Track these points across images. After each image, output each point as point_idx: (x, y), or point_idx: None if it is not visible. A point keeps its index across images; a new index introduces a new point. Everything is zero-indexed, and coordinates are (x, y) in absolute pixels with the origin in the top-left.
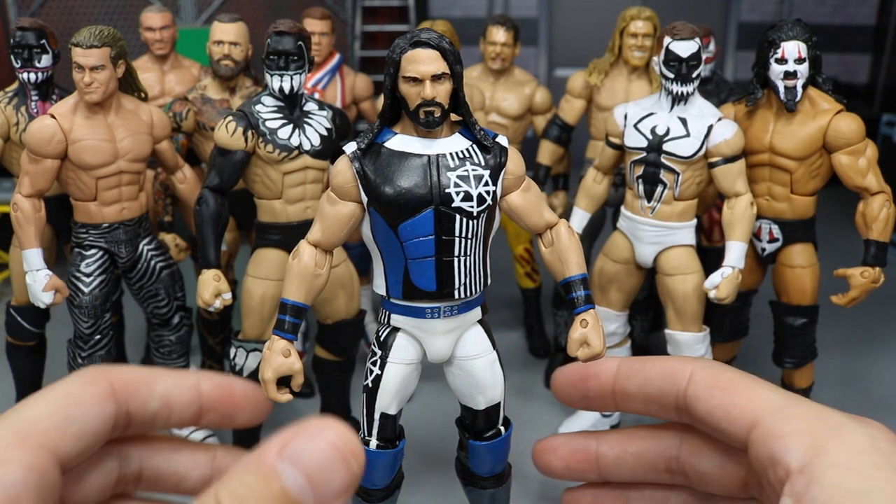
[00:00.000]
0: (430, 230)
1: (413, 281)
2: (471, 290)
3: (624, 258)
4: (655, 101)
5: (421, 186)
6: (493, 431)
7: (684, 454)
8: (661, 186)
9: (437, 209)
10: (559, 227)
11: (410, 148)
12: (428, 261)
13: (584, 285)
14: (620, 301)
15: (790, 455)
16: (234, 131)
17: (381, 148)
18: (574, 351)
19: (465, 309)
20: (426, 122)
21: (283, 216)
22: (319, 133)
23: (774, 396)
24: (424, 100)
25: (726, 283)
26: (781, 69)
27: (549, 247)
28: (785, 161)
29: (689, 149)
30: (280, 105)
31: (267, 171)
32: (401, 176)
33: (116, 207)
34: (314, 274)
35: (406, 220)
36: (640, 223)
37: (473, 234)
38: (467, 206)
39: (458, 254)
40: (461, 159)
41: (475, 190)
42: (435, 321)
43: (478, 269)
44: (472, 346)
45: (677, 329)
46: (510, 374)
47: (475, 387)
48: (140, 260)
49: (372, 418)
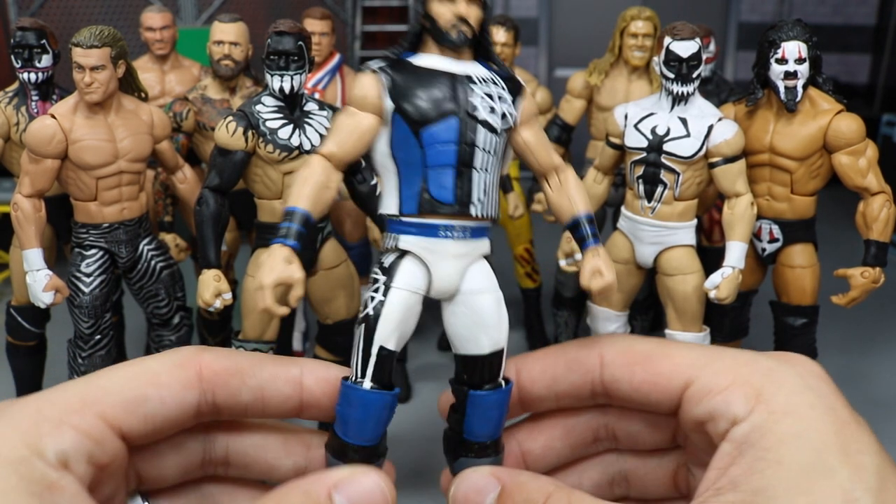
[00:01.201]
0: (453, 137)
1: (431, 192)
2: (486, 210)
3: (624, 258)
4: (656, 102)
5: (448, 96)
6: (493, 383)
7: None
8: (661, 186)
9: (462, 119)
10: (568, 171)
11: (437, 65)
12: (448, 170)
13: (591, 222)
14: (620, 301)
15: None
16: (234, 131)
17: (407, 64)
18: (587, 280)
19: (477, 234)
20: (458, 39)
21: None
22: (320, 133)
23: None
24: (459, 17)
25: (726, 283)
26: (782, 69)
27: (556, 189)
28: (785, 161)
29: (690, 149)
30: (280, 105)
31: (267, 171)
32: (429, 85)
33: (117, 207)
34: (324, 185)
35: (430, 124)
36: (640, 223)
37: (494, 150)
38: (492, 119)
39: (477, 166)
40: (485, 82)
41: (500, 106)
42: (447, 241)
43: (492, 191)
44: (480, 280)
45: (677, 329)
46: None
47: (481, 326)
48: (140, 260)
49: (368, 353)
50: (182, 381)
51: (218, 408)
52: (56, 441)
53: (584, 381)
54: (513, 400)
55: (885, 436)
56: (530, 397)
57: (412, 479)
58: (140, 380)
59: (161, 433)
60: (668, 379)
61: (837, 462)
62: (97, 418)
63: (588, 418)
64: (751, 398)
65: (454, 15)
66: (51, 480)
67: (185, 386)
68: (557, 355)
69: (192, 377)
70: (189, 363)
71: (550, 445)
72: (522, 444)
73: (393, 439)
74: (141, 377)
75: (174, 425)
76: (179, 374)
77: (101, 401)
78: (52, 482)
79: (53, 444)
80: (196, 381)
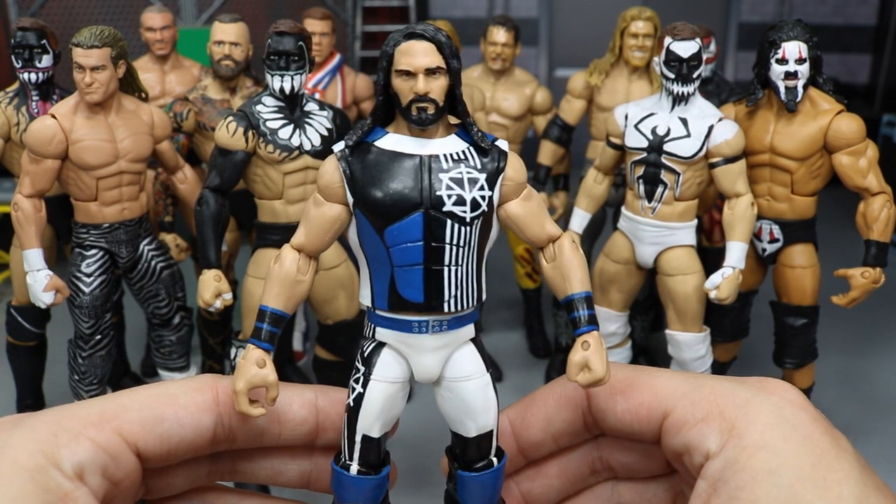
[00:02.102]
0: (418, 235)
1: (399, 291)
2: (462, 303)
3: (624, 258)
4: (656, 102)
5: (410, 188)
6: (484, 462)
7: (605, 452)
8: (661, 187)
9: (426, 213)
10: (562, 240)
11: (401, 147)
12: (415, 269)
13: (587, 304)
14: (621, 301)
15: (706, 441)
16: (234, 131)
17: (371, 147)
18: (574, 375)
19: (456, 325)
20: (419, 120)
21: (284, 216)
22: (320, 133)
23: (676, 383)
24: (417, 95)
25: (727, 283)
26: (782, 69)
27: (550, 261)
28: (785, 161)
29: (690, 149)
30: (281, 105)
31: (267, 172)
32: (389, 176)
33: (117, 208)
34: (295, 280)
35: (393, 223)
36: (640, 223)
37: (466, 243)
38: (459, 210)
39: (448, 263)
40: (455, 161)
41: (469, 194)
42: (422, 336)
43: (471, 282)
44: (463, 366)
45: (678, 329)
46: (510, 375)
47: (465, 411)
48: (140, 260)
49: (353, 440)
50: (199, 403)
51: (234, 434)
52: (73, 452)
53: (575, 416)
54: (512, 451)
55: (884, 435)
56: (528, 444)
57: (412, 479)
58: (159, 400)
59: (176, 455)
60: (648, 409)
61: (814, 496)
62: (114, 433)
63: (583, 452)
64: (724, 432)
65: (413, 92)
66: (65, 490)
67: (202, 409)
68: (546, 396)
69: (210, 400)
70: (206, 387)
71: (549, 484)
72: (521, 486)
73: (393, 439)
74: (160, 398)
75: (189, 448)
76: (197, 396)
77: (119, 417)
78: (67, 492)
79: (70, 455)
80: (213, 405)
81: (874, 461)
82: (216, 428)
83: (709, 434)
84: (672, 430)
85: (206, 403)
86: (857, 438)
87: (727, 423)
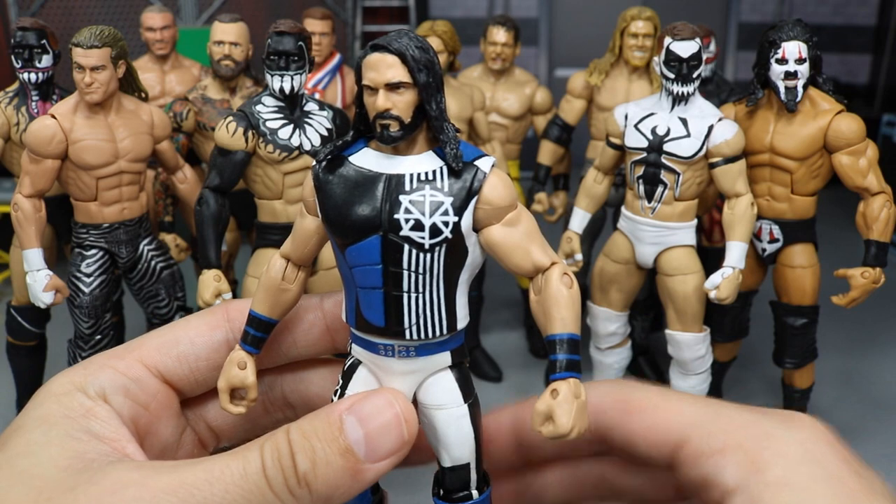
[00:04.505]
0: (376, 258)
1: (363, 312)
2: (426, 331)
3: (624, 258)
4: (656, 102)
5: (370, 209)
6: (463, 493)
7: (610, 471)
8: (661, 187)
9: (384, 236)
10: (551, 272)
11: (371, 165)
12: (376, 292)
13: (569, 347)
14: (621, 301)
15: (725, 475)
16: (234, 131)
17: (345, 162)
18: (537, 425)
19: (426, 352)
20: (381, 137)
21: (284, 216)
22: (320, 133)
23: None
24: (378, 111)
25: (727, 283)
26: (782, 69)
27: (537, 294)
28: (785, 161)
29: (690, 149)
30: (280, 105)
31: (267, 172)
32: (352, 195)
33: (117, 207)
34: (280, 288)
35: (353, 244)
36: (640, 223)
37: (426, 270)
38: (417, 236)
39: (407, 289)
40: (421, 182)
41: (428, 219)
42: (389, 360)
43: (436, 310)
44: (437, 394)
45: (678, 329)
46: (510, 375)
47: (438, 441)
48: (140, 260)
49: None
50: (209, 322)
51: None
52: (96, 378)
53: None
54: (506, 453)
55: (884, 435)
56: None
57: (413, 479)
58: (174, 328)
59: (200, 375)
60: (662, 433)
61: None
62: (135, 361)
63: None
64: (744, 466)
65: (375, 109)
66: (87, 407)
67: (212, 327)
68: None
69: (220, 319)
70: (217, 310)
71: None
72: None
73: None
74: (175, 326)
75: (209, 365)
76: (208, 318)
77: (139, 347)
78: (88, 409)
79: (93, 381)
80: (223, 322)
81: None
82: (229, 343)
83: (727, 467)
84: (688, 460)
85: (215, 321)
86: (857, 438)
87: (748, 457)
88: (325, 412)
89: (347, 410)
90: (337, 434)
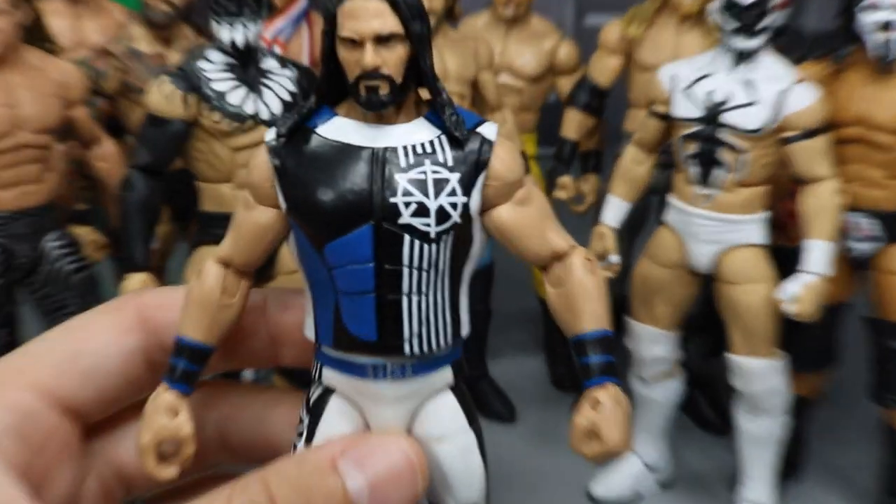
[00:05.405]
0: (367, 255)
1: (346, 325)
2: (429, 343)
3: (673, 261)
4: (712, 60)
5: (357, 193)
6: None
7: None
8: (720, 168)
9: (377, 225)
10: (572, 258)
11: (350, 137)
12: (365, 298)
13: (602, 346)
14: (669, 317)
15: None
16: (170, 95)
17: (312, 135)
18: (578, 445)
19: (425, 369)
20: (368, 102)
21: (233, 205)
22: (281, 98)
23: None
24: (364, 70)
25: (807, 294)
26: (874, 18)
27: (556, 287)
28: (882, 136)
29: (756, 120)
30: (230, 62)
31: (213, 147)
32: (330, 176)
33: (14, 192)
34: (219, 304)
35: (334, 238)
36: (693, 216)
37: (431, 265)
38: (421, 223)
39: (407, 290)
40: (419, 156)
41: (433, 201)
42: (379, 384)
43: (441, 315)
44: (437, 422)
45: (743, 354)
46: (526, 413)
47: (440, 481)
48: (44, 261)
49: None
50: (118, 325)
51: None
52: None
53: None
54: None
55: None
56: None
57: None
58: (70, 335)
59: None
60: None
61: None
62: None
63: None
64: None
65: (360, 67)
66: None
67: (122, 330)
68: None
69: (131, 319)
70: (125, 305)
71: None
72: None
73: None
74: (70, 331)
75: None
76: (115, 318)
77: (30, 367)
78: None
79: None
80: (136, 324)
81: None
82: (145, 351)
83: None
84: None
85: (125, 322)
86: None
87: None
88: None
89: (342, 456)
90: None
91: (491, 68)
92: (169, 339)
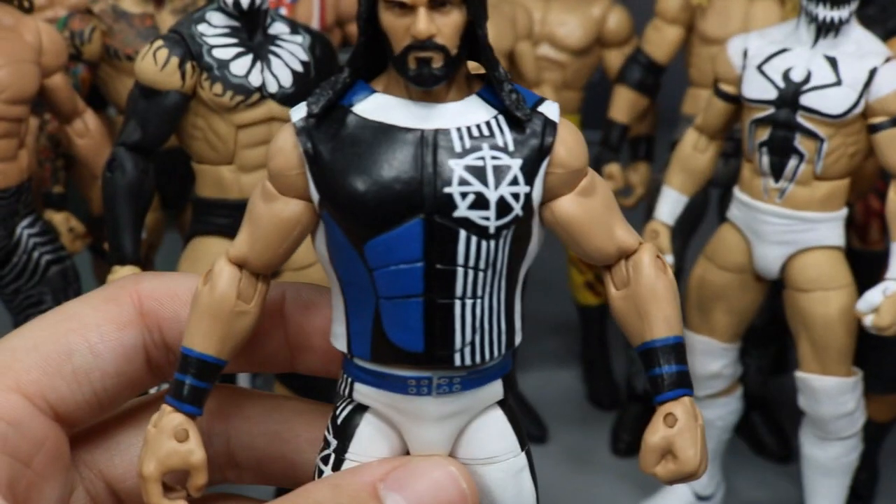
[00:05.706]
0: (416, 253)
1: (387, 333)
2: (482, 353)
3: (736, 264)
4: (791, 32)
5: (405, 182)
6: None
7: None
8: (795, 159)
9: (428, 219)
10: (641, 255)
11: (393, 117)
12: (411, 302)
13: (676, 355)
14: (729, 327)
15: None
16: (165, 62)
17: (348, 114)
18: (650, 465)
19: (474, 383)
20: (419, 77)
21: (235, 190)
22: (292, 68)
23: None
24: (416, 39)
25: (889, 304)
26: None
27: (622, 287)
28: None
29: (841, 104)
30: (234, 26)
31: (213, 123)
32: (373, 162)
33: None
34: (234, 312)
35: (378, 234)
36: (762, 212)
37: (489, 264)
38: (479, 216)
39: (460, 293)
40: (475, 139)
41: (494, 191)
42: (423, 400)
43: (496, 322)
44: (487, 443)
45: (814, 371)
46: (558, 432)
47: None
48: (17, 250)
49: None
50: (115, 318)
51: (172, 352)
52: None
53: None
54: None
55: None
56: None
57: None
58: (60, 328)
59: (106, 399)
60: None
61: None
62: (10, 391)
63: None
64: None
65: (410, 35)
66: None
67: (120, 325)
68: None
69: (129, 312)
70: (122, 295)
71: None
72: None
73: None
74: (60, 324)
75: (121, 386)
76: (111, 310)
77: (13, 365)
78: None
79: None
80: (135, 317)
81: None
82: (146, 348)
83: None
84: None
85: (123, 314)
86: None
87: None
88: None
89: (383, 480)
90: None
91: (529, 38)
92: (171, 335)
